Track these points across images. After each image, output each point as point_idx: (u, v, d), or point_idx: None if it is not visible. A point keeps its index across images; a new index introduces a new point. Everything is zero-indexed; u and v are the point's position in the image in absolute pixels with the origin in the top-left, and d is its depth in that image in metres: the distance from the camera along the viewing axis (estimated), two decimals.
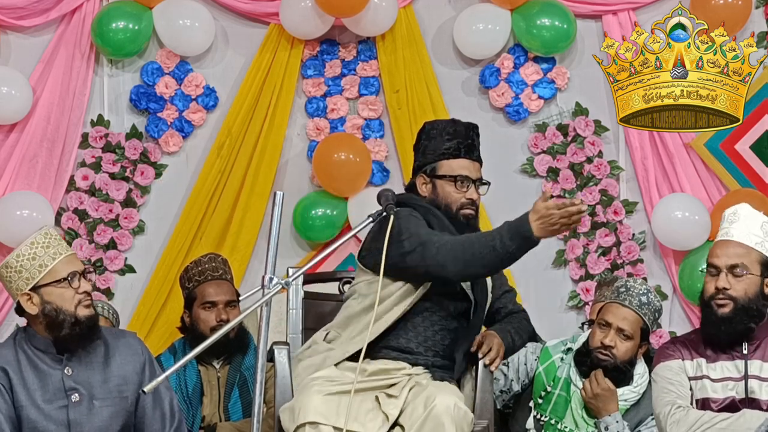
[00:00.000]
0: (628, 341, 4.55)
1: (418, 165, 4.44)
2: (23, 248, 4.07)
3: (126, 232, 6.06)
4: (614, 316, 4.56)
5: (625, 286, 4.60)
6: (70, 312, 4.05)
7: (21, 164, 5.95)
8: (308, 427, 4.03)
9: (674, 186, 6.10)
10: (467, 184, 4.38)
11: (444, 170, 4.37)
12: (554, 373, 4.64)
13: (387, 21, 6.05)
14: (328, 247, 4.23)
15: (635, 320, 4.55)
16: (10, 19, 5.94)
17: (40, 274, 4.07)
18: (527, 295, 6.11)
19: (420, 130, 4.50)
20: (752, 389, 4.20)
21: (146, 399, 4.15)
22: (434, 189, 4.38)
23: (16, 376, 4.04)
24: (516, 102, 6.17)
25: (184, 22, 6.02)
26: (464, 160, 4.39)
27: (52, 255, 4.07)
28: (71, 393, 4.05)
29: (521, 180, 6.19)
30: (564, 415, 4.59)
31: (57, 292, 4.07)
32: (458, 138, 4.40)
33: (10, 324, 5.96)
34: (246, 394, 4.89)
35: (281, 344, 4.35)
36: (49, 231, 4.12)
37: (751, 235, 4.23)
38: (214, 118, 6.15)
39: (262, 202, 6.06)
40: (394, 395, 4.15)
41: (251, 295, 5.46)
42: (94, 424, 4.06)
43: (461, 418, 4.07)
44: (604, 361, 4.54)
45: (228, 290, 4.99)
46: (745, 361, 4.22)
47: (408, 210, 4.31)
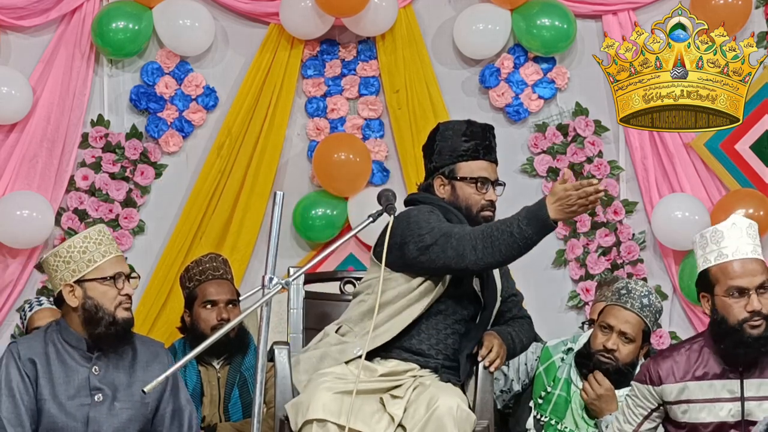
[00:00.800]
0: (630, 344, 4.54)
1: (434, 166, 4.41)
2: (76, 240, 4.12)
3: (126, 232, 6.06)
4: (616, 319, 4.55)
5: (626, 288, 4.58)
6: (110, 311, 4.10)
7: (21, 164, 5.95)
8: (315, 425, 4.03)
9: (674, 186, 6.11)
10: (487, 185, 4.37)
11: (464, 172, 4.36)
12: (554, 373, 4.65)
13: (387, 21, 6.05)
14: (329, 247, 4.23)
15: (637, 323, 4.54)
16: (10, 19, 5.94)
17: (87, 268, 4.10)
18: (527, 295, 6.07)
19: (433, 131, 4.47)
20: (749, 411, 4.09)
21: (166, 408, 4.20)
22: (453, 191, 4.37)
23: (42, 369, 4.07)
24: (516, 102, 6.17)
25: (184, 22, 6.02)
26: (483, 161, 4.38)
27: (103, 252, 4.11)
28: (95, 392, 4.08)
29: (521, 180, 6.19)
30: (564, 415, 4.60)
31: (101, 289, 4.11)
32: (476, 139, 4.39)
33: (11, 324, 5.97)
34: (246, 394, 4.89)
35: (281, 344, 4.35)
36: (103, 229, 4.17)
37: (756, 247, 4.12)
38: (214, 118, 6.15)
39: (262, 202, 6.06)
40: (399, 396, 4.15)
41: (251, 295, 5.46)
42: (112, 424, 4.09)
43: (463, 419, 4.07)
44: (606, 364, 4.53)
45: (229, 289, 4.99)
46: (741, 380, 4.10)
47: (428, 207, 4.30)
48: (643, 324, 4.55)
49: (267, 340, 3.87)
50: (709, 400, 4.11)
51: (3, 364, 4.08)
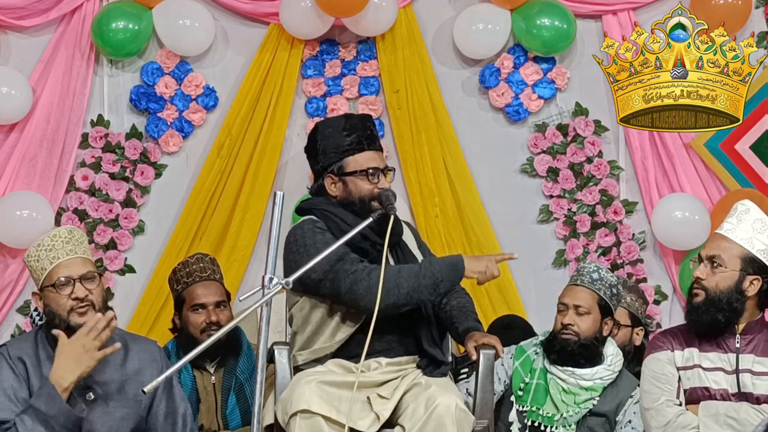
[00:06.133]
0: (586, 316, 4.75)
1: (322, 166, 4.41)
2: (31, 249, 4.12)
3: (126, 232, 6.06)
4: (569, 297, 4.79)
5: (578, 270, 4.85)
6: (64, 318, 4.07)
7: (21, 164, 5.95)
8: (299, 417, 4.03)
9: (674, 186, 6.11)
10: (378, 174, 4.38)
11: (352, 166, 4.37)
12: (530, 365, 4.81)
13: (387, 21, 6.05)
14: (328, 248, 4.23)
15: (589, 296, 4.76)
16: (10, 19, 5.94)
17: (42, 276, 4.10)
18: (527, 295, 6.11)
19: (312, 131, 4.49)
20: (744, 383, 4.23)
21: (160, 406, 4.18)
22: (345, 186, 4.37)
23: (33, 369, 4.06)
24: (516, 102, 6.17)
25: (184, 22, 6.02)
26: (369, 152, 4.38)
27: (51, 258, 4.08)
28: (86, 391, 4.06)
29: (521, 180, 6.19)
30: (545, 401, 4.74)
31: (51, 296, 4.10)
32: (357, 131, 4.39)
33: (11, 324, 5.97)
34: (243, 400, 4.84)
35: (281, 344, 4.35)
36: (58, 232, 4.14)
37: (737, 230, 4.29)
38: (214, 118, 6.15)
39: (262, 202, 6.06)
40: (386, 397, 4.15)
41: (251, 295, 5.44)
42: (105, 423, 4.07)
43: (462, 418, 4.09)
44: (568, 339, 4.73)
45: (216, 291, 4.94)
46: (737, 355, 4.25)
47: (310, 222, 4.33)
48: (596, 297, 4.76)
49: (267, 340, 3.87)
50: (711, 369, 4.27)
51: None
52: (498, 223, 6.15)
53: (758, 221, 4.30)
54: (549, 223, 6.19)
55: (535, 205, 6.19)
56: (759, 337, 4.27)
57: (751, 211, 4.33)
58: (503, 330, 5.34)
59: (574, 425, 4.69)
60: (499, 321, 5.68)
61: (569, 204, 6.16)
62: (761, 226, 4.29)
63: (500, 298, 6.01)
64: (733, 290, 4.24)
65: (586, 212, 6.15)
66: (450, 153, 6.11)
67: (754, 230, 4.27)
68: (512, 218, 6.18)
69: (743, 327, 4.29)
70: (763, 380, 4.23)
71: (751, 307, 4.30)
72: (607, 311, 4.78)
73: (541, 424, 4.71)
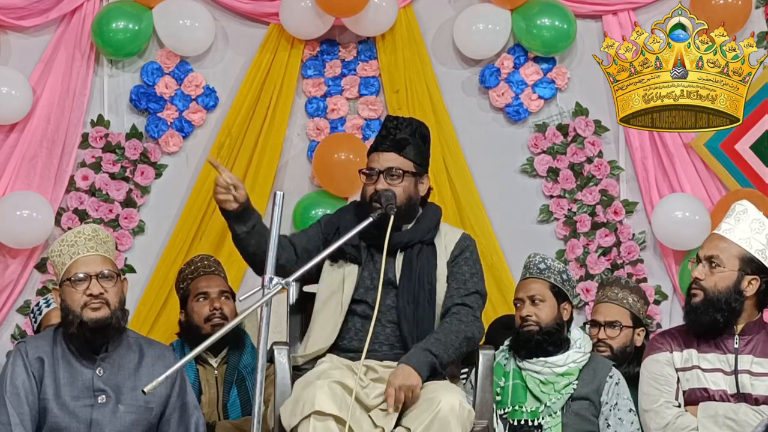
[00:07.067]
0: (542, 304, 4.81)
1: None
2: (55, 244, 4.18)
3: (126, 232, 6.06)
4: (522, 291, 4.87)
5: (525, 265, 4.93)
6: (77, 313, 4.10)
7: (21, 164, 5.95)
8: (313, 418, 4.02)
9: (674, 186, 6.11)
10: (373, 176, 4.38)
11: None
12: (502, 369, 4.83)
13: (387, 21, 6.05)
14: (329, 248, 4.23)
15: (541, 285, 4.84)
16: (10, 19, 5.94)
17: (62, 271, 4.14)
18: None
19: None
20: (743, 384, 4.25)
21: (173, 414, 4.20)
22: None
23: (49, 368, 4.10)
24: (516, 102, 6.17)
25: (184, 22, 6.02)
26: (376, 153, 4.43)
27: (72, 254, 4.12)
28: (99, 394, 4.09)
29: (521, 180, 6.19)
30: (526, 398, 4.77)
31: (68, 291, 4.14)
32: (379, 133, 4.47)
33: (11, 324, 5.97)
34: (244, 392, 4.88)
35: (281, 344, 4.35)
36: (83, 229, 4.19)
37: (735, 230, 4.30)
38: (214, 118, 6.15)
39: (262, 202, 6.04)
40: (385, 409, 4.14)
41: (251, 295, 5.44)
42: (115, 427, 4.10)
43: (465, 417, 4.10)
44: (530, 330, 4.79)
45: (220, 282, 5.02)
46: (735, 355, 4.26)
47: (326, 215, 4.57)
48: (547, 284, 4.84)
49: (267, 340, 3.87)
50: (710, 370, 4.29)
51: (10, 363, 4.11)
52: (498, 223, 6.14)
53: (756, 221, 4.30)
54: (549, 223, 6.19)
55: (535, 205, 6.19)
56: (758, 338, 4.28)
57: (748, 211, 4.33)
58: (503, 330, 5.33)
59: (559, 412, 4.71)
60: (499, 321, 5.67)
61: (569, 204, 6.16)
62: (759, 226, 4.30)
63: (500, 298, 6.00)
64: (731, 290, 4.25)
65: (587, 212, 6.15)
66: (450, 153, 6.11)
67: (752, 230, 4.28)
68: (512, 218, 6.18)
69: (742, 327, 4.30)
70: (762, 381, 4.24)
71: (749, 308, 4.31)
72: (561, 296, 4.85)
73: (528, 420, 4.73)
